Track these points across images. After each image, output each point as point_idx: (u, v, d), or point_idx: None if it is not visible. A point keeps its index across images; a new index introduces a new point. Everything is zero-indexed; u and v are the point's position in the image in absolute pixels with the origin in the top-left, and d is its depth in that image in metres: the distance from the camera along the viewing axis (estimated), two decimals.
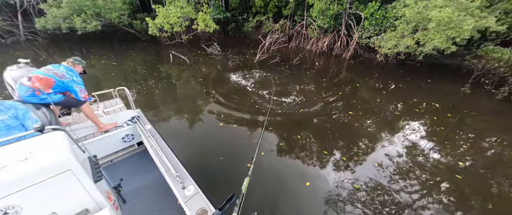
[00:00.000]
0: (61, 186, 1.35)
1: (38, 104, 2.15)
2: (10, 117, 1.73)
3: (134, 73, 7.68)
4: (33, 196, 1.28)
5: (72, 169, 1.36)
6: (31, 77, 2.11)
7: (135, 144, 2.95)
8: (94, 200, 1.55)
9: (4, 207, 1.22)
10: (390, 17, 8.11)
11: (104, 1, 9.86)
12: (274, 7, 12.88)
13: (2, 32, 10.24)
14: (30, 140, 1.39)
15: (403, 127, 4.72)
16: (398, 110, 5.53)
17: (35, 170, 1.24)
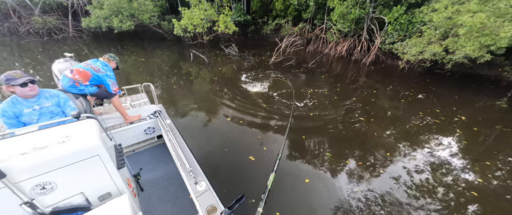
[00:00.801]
0: (89, 169, 1.47)
1: (76, 94, 2.43)
2: (53, 104, 1.96)
3: (158, 69, 8.40)
4: (66, 176, 1.41)
5: (100, 155, 1.48)
6: (72, 70, 2.38)
7: (155, 137, 3.09)
8: (116, 185, 1.65)
9: (43, 182, 1.36)
10: (417, 22, 7.64)
11: (138, 4, 10.95)
12: (294, 11, 12.94)
13: (55, 29, 11.98)
14: (68, 125, 1.54)
15: (422, 139, 4.42)
16: (418, 120, 5.19)
17: (70, 152, 1.37)
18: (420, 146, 4.15)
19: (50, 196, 1.40)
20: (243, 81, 7.29)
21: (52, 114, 1.93)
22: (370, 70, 9.27)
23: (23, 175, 1.27)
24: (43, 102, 1.89)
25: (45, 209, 1.40)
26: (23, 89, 1.72)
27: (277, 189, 3.04)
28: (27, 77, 1.73)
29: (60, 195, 1.43)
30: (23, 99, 1.81)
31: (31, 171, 1.29)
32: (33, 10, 11.60)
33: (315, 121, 4.93)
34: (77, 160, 1.39)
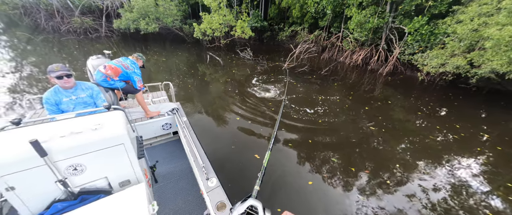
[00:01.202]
0: (114, 156, 1.60)
1: (107, 88, 2.68)
2: (87, 95, 2.19)
3: (177, 69, 8.94)
4: (94, 160, 1.54)
5: (125, 143, 1.59)
6: (105, 66, 2.63)
7: (171, 133, 3.24)
8: (135, 174, 1.77)
9: (75, 164, 1.50)
10: (439, 34, 7.32)
11: (164, 8, 11.83)
12: (311, 18, 13.03)
13: (90, 29, 13.30)
14: (100, 115, 1.68)
15: (440, 155, 4.19)
16: (436, 135, 4.94)
17: (100, 139, 1.50)
18: (437, 163, 3.95)
19: (80, 177, 1.55)
20: (254, 84, 7.49)
21: (86, 104, 2.17)
22: (387, 80, 8.98)
23: (60, 155, 1.42)
24: (79, 94, 2.14)
25: (74, 189, 1.55)
26: (60, 81, 1.97)
27: (279, 187, 3.12)
28: (63, 71, 1.95)
29: (88, 177, 1.57)
30: (63, 90, 2.06)
31: (67, 153, 1.44)
32: (73, 12, 13.05)
33: (324, 127, 4.93)
34: (105, 147, 1.52)
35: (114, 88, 2.73)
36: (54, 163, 1.40)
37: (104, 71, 2.60)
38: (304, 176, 3.39)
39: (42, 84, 6.52)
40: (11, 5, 13.99)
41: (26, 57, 8.99)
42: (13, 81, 6.50)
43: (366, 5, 9.32)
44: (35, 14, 14.05)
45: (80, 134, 1.46)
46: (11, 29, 14.24)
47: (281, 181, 3.26)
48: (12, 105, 5.15)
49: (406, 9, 8.24)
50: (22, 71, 7.45)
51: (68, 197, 1.53)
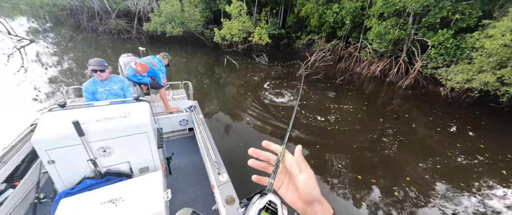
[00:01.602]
0: (138, 143, 1.76)
1: (135, 82, 2.96)
2: (119, 87, 2.46)
3: (195, 70, 9.49)
4: (121, 144, 1.70)
5: (148, 132, 1.75)
6: (136, 63, 2.92)
7: (187, 129, 3.44)
8: (154, 162, 1.91)
9: (105, 146, 1.66)
10: (467, 48, 6.93)
11: (189, 14, 12.71)
12: (329, 28, 13.03)
13: (123, 30, 14.69)
14: (129, 104, 1.87)
15: (462, 177, 3.96)
16: (456, 154, 4.64)
17: (129, 126, 1.66)
18: (460, 187, 3.70)
19: (107, 159, 1.72)
20: (266, 89, 7.67)
21: (117, 95, 2.46)
22: (406, 94, 8.61)
23: (94, 137, 1.58)
24: (112, 86, 2.42)
25: (102, 169, 1.71)
26: (94, 74, 2.27)
27: None
28: (97, 66, 2.23)
29: (114, 159, 1.74)
30: (99, 81, 2.35)
31: (100, 135, 1.60)
32: (111, 15, 14.56)
33: (333, 135, 4.90)
34: (131, 133, 1.69)
35: (142, 83, 3.02)
36: (89, 143, 1.57)
37: (134, 67, 2.87)
38: None
39: (76, 77, 7.36)
40: (60, 7, 16.04)
41: (67, 53, 10.20)
42: (54, 73, 7.43)
43: (387, 16, 9.15)
44: (79, 16, 15.90)
45: (112, 119, 1.62)
46: (58, 27, 16.26)
47: None
48: (53, 93, 5.90)
49: (430, 21, 7.95)
50: (63, 64, 8.47)
51: (96, 176, 1.71)
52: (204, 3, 14.29)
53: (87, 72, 7.91)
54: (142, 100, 1.96)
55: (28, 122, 2.48)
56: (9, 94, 5.70)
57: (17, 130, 2.32)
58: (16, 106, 5.13)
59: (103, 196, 1.52)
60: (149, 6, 13.70)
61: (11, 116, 4.63)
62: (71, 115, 1.58)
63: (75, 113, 1.63)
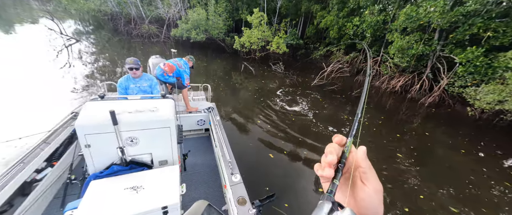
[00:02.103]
0: (161, 136, 1.87)
1: (162, 81, 3.21)
2: (148, 85, 2.69)
3: (214, 74, 10.02)
4: (146, 136, 1.82)
5: (171, 127, 1.86)
6: (165, 63, 3.14)
7: (203, 129, 3.58)
8: (173, 156, 2.01)
9: (133, 136, 1.78)
10: (499, 67, 6.46)
11: (212, 22, 13.60)
12: (348, 40, 12.95)
13: (153, 35, 16.11)
14: (157, 100, 2.01)
15: (487, 205, 3.66)
16: (481, 181, 4.28)
17: (155, 119, 1.78)
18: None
19: (133, 148, 1.85)
20: (279, 95, 7.83)
21: (145, 92, 2.69)
22: (430, 112, 8.15)
23: (125, 127, 1.72)
24: (142, 83, 2.66)
25: (128, 157, 1.86)
26: (130, 72, 2.54)
27: (288, 186, 3.26)
28: (133, 65, 2.50)
29: (139, 149, 1.87)
30: (132, 78, 2.61)
31: (130, 126, 1.74)
32: (144, 20, 16.13)
33: None
34: (157, 127, 1.82)
35: (167, 82, 3.30)
36: (120, 133, 1.71)
37: (163, 67, 3.12)
38: (311, 178, 3.45)
39: (109, 74, 8.24)
40: (103, 13, 18.19)
41: (103, 52, 11.48)
42: (91, 69, 8.39)
43: (410, 31, 8.92)
44: (117, 20, 17.84)
45: (142, 112, 1.78)
46: (98, 30, 18.38)
47: (291, 180, 3.39)
48: (88, 86, 6.68)
49: (458, 38, 7.59)
50: (99, 62, 9.54)
51: (122, 163, 1.86)
52: (228, 12, 15.20)
53: (119, 70, 8.83)
54: (168, 97, 2.11)
55: (68, 110, 2.84)
56: (54, 86, 6.59)
57: (59, 117, 2.64)
58: (59, 96, 5.87)
59: (126, 182, 1.66)
60: (178, 14, 14.95)
61: (54, 104, 5.36)
62: (108, 105, 1.75)
63: (112, 104, 1.79)
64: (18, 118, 4.49)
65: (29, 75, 7.05)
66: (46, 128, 2.52)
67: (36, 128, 2.31)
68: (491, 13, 6.90)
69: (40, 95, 5.76)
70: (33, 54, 9.25)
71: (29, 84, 6.34)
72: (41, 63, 8.31)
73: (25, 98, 5.48)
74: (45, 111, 4.87)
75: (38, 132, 2.29)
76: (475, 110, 6.85)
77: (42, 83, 6.55)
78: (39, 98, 5.58)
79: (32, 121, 4.25)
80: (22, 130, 2.11)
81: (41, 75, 7.17)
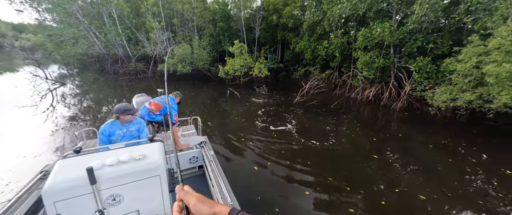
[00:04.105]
0: (149, 188, 1.59)
1: (148, 121, 2.93)
2: (136, 129, 2.44)
3: (202, 102, 10.46)
4: (132, 191, 1.53)
5: (161, 175, 1.60)
6: (150, 102, 2.96)
7: (196, 167, 3.21)
8: (164, 209, 1.70)
9: (116, 194, 1.48)
10: (446, 71, 7.63)
11: (197, 55, 14.65)
12: (322, 60, 14.43)
13: (140, 71, 16.73)
14: (143, 146, 1.78)
15: (450, 185, 4.07)
16: (444, 166, 4.76)
17: (142, 169, 1.52)
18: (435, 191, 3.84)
19: (116, 208, 1.53)
20: (263, 115, 8.31)
21: (132, 137, 2.41)
22: (403, 116, 8.97)
23: (106, 184, 1.44)
24: (130, 127, 2.39)
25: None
26: (126, 117, 2.30)
27: (280, 193, 3.46)
28: (128, 110, 2.32)
29: (123, 209, 1.55)
30: (120, 123, 2.32)
31: (112, 182, 1.45)
32: (131, 59, 16.90)
33: (324, 151, 5.21)
34: (144, 177, 1.55)
35: (154, 121, 3.03)
36: (99, 192, 1.43)
37: (148, 107, 2.95)
38: (300, 186, 3.69)
39: (93, 114, 8.34)
40: (89, 55, 18.82)
41: (89, 93, 11.64)
42: (75, 111, 8.30)
43: (370, 48, 10.35)
44: (104, 61, 18.46)
45: (126, 163, 1.53)
46: (84, 72, 18.71)
47: (282, 187, 3.59)
48: (69, 134, 6.05)
49: (408, 51, 8.97)
50: (82, 104, 9.60)
51: None
52: (211, 45, 16.52)
53: (105, 108, 8.95)
54: (155, 140, 1.93)
55: (40, 165, 2.43)
56: (34, 131, 6.41)
57: (29, 175, 2.24)
58: (35, 145, 5.27)
59: None
60: (164, 50, 15.97)
61: (29, 156, 4.78)
62: (85, 161, 1.50)
63: (90, 159, 1.54)
64: None
65: (8, 121, 6.97)
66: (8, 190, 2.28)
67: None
68: (428, 29, 8.43)
69: (16, 142, 5.43)
70: (17, 100, 9.19)
71: (6, 130, 6.24)
72: (23, 109, 8.26)
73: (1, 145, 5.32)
74: (18, 161, 4.40)
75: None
76: (435, 109, 7.75)
77: (21, 128, 6.45)
78: (15, 145, 5.24)
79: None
80: None
81: (20, 121, 7.08)
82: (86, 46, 16.53)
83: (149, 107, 2.93)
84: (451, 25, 8.39)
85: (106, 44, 16.72)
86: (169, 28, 17.35)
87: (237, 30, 17.17)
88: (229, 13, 17.09)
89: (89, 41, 16.21)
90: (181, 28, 17.21)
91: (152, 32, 15.51)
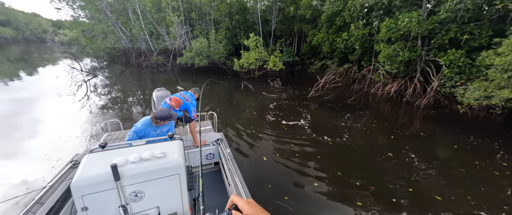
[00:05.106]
0: (169, 185, 1.61)
1: None
2: (167, 129, 2.46)
3: (217, 95, 10.82)
4: (153, 187, 1.55)
5: (180, 174, 1.62)
6: (171, 98, 2.96)
7: (212, 163, 3.26)
8: (183, 207, 1.73)
9: (137, 190, 1.52)
10: (482, 65, 6.85)
11: (214, 48, 14.98)
12: (341, 53, 13.79)
13: (160, 64, 17.67)
14: (164, 144, 1.78)
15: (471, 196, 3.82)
16: (466, 170, 4.42)
17: (163, 167, 1.54)
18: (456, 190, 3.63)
19: (138, 204, 1.57)
20: (275, 108, 8.35)
21: (162, 136, 2.38)
22: (428, 114, 8.36)
23: (128, 180, 1.47)
24: (163, 128, 2.43)
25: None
26: (157, 121, 2.29)
27: (289, 183, 3.60)
28: (173, 116, 2.37)
29: (144, 205, 1.60)
30: (154, 125, 2.35)
31: (134, 179, 1.49)
32: (153, 53, 17.89)
33: (336, 147, 5.17)
34: (165, 175, 1.58)
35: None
36: (123, 188, 1.47)
37: (169, 102, 2.96)
38: (308, 180, 3.78)
39: (121, 104, 9.12)
40: (117, 49, 20.32)
41: (116, 84, 12.69)
42: (104, 102, 9.09)
43: (394, 40, 9.62)
44: (129, 55, 19.81)
45: (148, 161, 1.55)
46: (112, 64, 20.32)
47: (290, 178, 3.73)
48: (99, 122, 6.66)
49: (439, 43, 8.17)
50: (111, 94, 10.55)
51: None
52: (227, 39, 16.72)
53: (130, 99, 9.74)
54: (175, 138, 1.95)
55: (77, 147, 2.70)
56: (72, 119, 7.21)
57: (60, 162, 2.55)
58: (74, 129, 5.98)
59: None
60: (183, 44, 16.60)
61: (70, 137, 5.62)
62: (109, 157, 1.55)
63: (114, 155, 1.59)
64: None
65: (53, 107, 8.01)
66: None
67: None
68: (464, 18, 7.55)
69: (58, 126, 6.23)
70: (58, 89, 10.46)
71: (50, 116, 7.19)
72: (63, 97, 9.38)
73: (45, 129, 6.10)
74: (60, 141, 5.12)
75: (33, 190, 2.12)
76: (465, 107, 7.07)
77: (63, 115, 7.38)
78: (58, 128, 6.01)
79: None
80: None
81: (62, 108, 8.08)
82: (113, 40, 17.86)
83: (170, 103, 2.97)
84: (492, 13, 7.40)
85: (131, 39, 17.87)
86: (188, 22, 17.88)
87: (253, 23, 17.04)
88: (245, 5, 16.99)
89: (116, 36, 17.48)
90: (198, 22, 17.62)
91: (172, 26, 16.13)
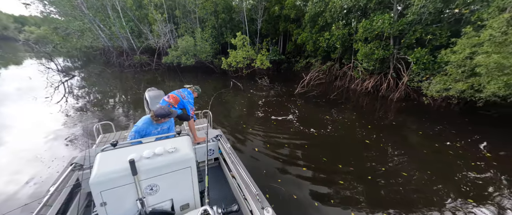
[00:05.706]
0: (182, 178, 1.68)
1: None
2: (168, 127, 2.51)
3: (205, 93, 10.90)
4: (167, 181, 1.62)
5: (192, 166, 1.68)
6: (169, 96, 2.97)
7: (212, 159, 3.34)
8: (194, 198, 1.79)
9: (153, 184, 1.58)
10: (442, 62, 7.88)
11: (200, 47, 14.91)
12: (323, 52, 14.60)
13: (144, 63, 17.10)
14: (174, 139, 1.84)
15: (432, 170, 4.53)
16: (425, 153, 5.20)
17: (176, 161, 1.61)
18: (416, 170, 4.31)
19: (153, 197, 1.63)
20: (264, 105, 8.75)
21: (163, 133, 2.44)
22: (400, 106, 9.32)
23: (145, 174, 1.53)
24: (163, 126, 2.45)
25: (147, 208, 1.62)
26: (158, 119, 2.30)
27: (281, 169, 3.97)
28: (173, 113, 2.36)
29: (159, 197, 1.66)
30: (155, 123, 2.33)
31: (150, 173, 1.55)
32: (135, 52, 17.22)
33: (321, 137, 5.69)
34: (177, 169, 1.64)
35: None
36: (139, 182, 1.52)
37: (167, 100, 2.97)
38: (297, 165, 4.21)
39: (101, 105, 8.84)
40: (95, 48, 19.18)
41: (96, 85, 12.12)
42: (82, 104, 8.63)
43: (370, 39, 10.52)
44: (109, 54, 18.83)
45: (161, 156, 1.60)
46: (88, 64, 19.15)
47: (288, 177, 4.12)
48: (82, 123, 6.40)
49: (407, 42, 9.16)
50: (90, 96, 10.06)
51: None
52: (213, 37, 16.70)
53: (111, 100, 9.44)
54: (183, 134, 2.00)
55: (67, 148, 2.73)
56: (52, 123, 6.85)
57: (56, 167, 2.60)
58: (59, 130, 6.00)
59: None
60: (167, 43, 16.24)
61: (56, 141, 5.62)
62: (123, 153, 1.59)
63: (126, 152, 1.63)
64: None
65: (31, 112, 7.54)
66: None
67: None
68: (427, 20, 8.57)
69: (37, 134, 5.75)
70: (33, 92, 9.75)
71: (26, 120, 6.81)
72: (39, 100, 8.81)
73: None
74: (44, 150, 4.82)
75: (39, 197, 2.02)
76: (429, 99, 8.09)
77: (42, 119, 7.02)
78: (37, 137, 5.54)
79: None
80: None
81: (39, 112, 7.63)
82: (91, 39, 16.85)
83: (168, 100, 3.00)
84: (450, 17, 8.51)
85: (111, 37, 17.01)
86: (172, 20, 17.48)
87: (239, 21, 17.22)
88: (231, 4, 17.08)
89: (94, 34, 16.52)
90: (183, 20, 17.33)
91: (155, 24, 15.70)
